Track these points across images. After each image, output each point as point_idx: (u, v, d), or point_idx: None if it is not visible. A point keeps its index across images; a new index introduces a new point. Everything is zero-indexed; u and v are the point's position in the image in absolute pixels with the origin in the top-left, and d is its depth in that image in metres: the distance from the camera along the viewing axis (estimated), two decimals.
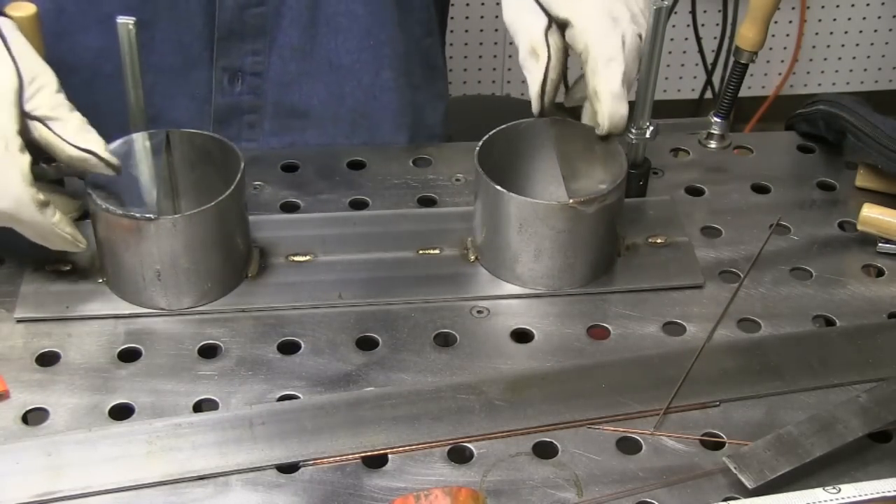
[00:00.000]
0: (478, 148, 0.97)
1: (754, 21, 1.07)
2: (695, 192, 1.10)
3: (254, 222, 1.00)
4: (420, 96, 1.20)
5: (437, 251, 1.00)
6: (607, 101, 0.95)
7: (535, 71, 0.98)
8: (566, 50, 0.99)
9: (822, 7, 2.81)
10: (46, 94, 0.89)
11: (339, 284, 0.97)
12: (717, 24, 2.73)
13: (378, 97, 1.16)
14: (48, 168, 0.92)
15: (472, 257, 0.99)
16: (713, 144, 1.13)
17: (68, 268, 0.97)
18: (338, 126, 1.15)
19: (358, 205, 1.07)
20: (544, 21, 0.97)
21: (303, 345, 0.92)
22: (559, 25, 0.97)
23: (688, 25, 2.73)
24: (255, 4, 1.08)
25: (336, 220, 1.04)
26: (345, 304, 0.95)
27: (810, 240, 1.05)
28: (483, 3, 2.67)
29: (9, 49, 0.88)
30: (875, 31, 2.87)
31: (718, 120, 1.13)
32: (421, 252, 1.00)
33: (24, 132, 0.88)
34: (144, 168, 0.94)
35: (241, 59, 1.10)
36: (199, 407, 0.87)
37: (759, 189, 1.11)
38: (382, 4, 1.12)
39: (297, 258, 0.99)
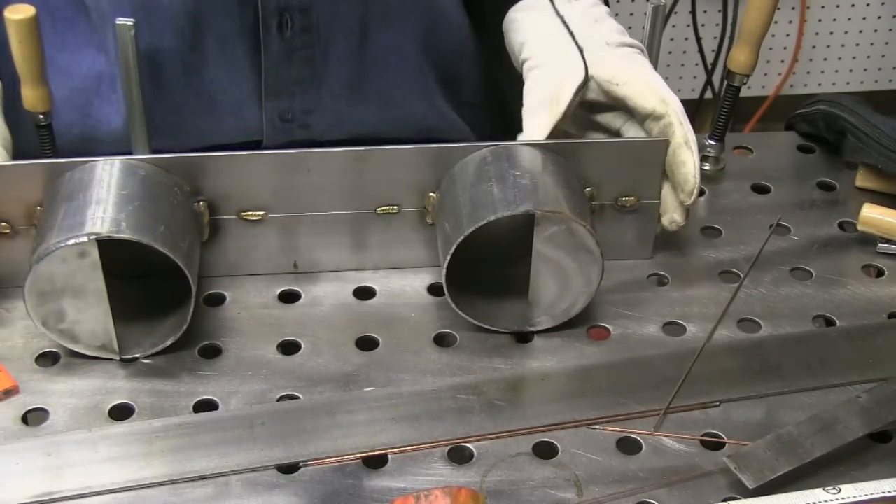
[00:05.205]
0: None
1: (746, 44, 1.06)
2: None
3: (197, 165, 0.92)
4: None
5: (395, 209, 0.96)
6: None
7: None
8: None
9: (822, 7, 2.81)
10: None
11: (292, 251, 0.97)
12: (717, 24, 2.73)
13: (437, 119, 1.15)
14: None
15: (430, 220, 0.96)
16: (707, 167, 1.12)
17: None
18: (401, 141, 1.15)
19: None
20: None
21: (303, 345, 0.92)
22: None
23: (688, 25, 2.73)
24: (300, 48, 1.06)
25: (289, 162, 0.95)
26: (343, 305, 0.96)
27: (810, 240, 1.05)
28: None
29: None
30: (875, 31, 2.87)
31: (713, 143, 1.12)
32: (380, 210, 0.96)
33: None
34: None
35: (289, 99, 1.09)
36: (199, 407, 0.87)
37: (759, 189, 1.11)
38: (432, 43, 1.11)
39: (249, 215, 0.94)
